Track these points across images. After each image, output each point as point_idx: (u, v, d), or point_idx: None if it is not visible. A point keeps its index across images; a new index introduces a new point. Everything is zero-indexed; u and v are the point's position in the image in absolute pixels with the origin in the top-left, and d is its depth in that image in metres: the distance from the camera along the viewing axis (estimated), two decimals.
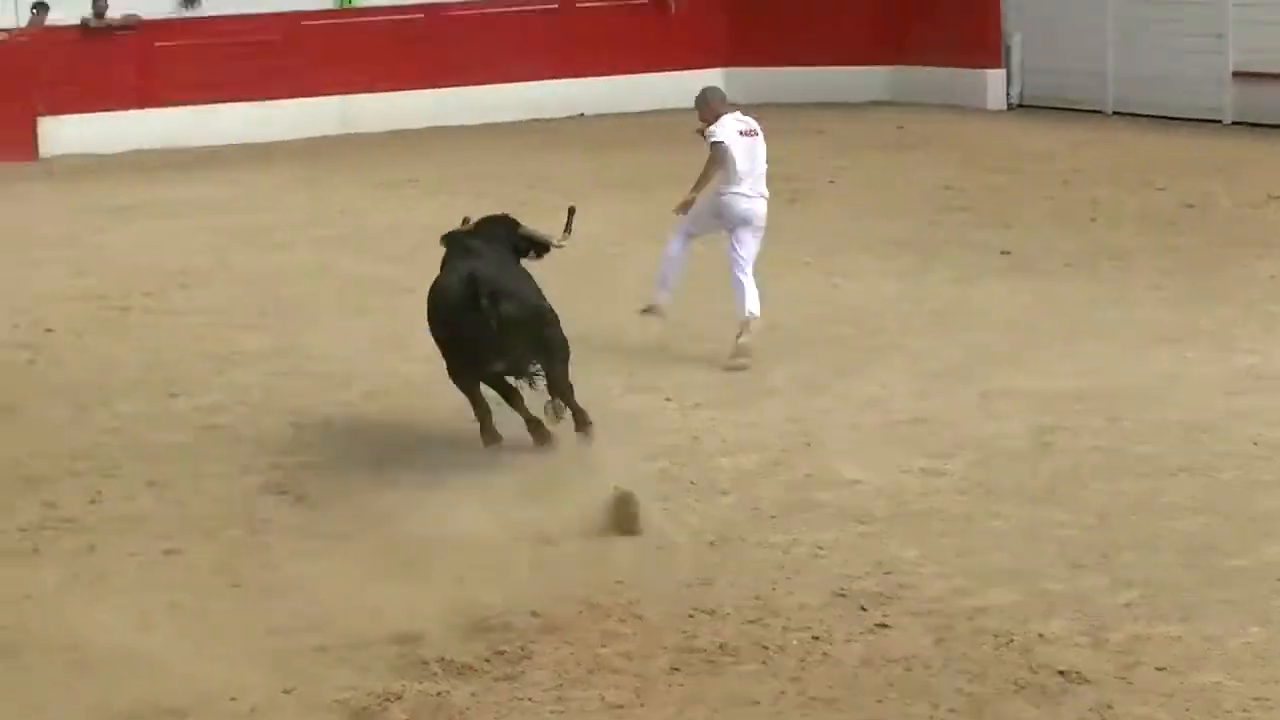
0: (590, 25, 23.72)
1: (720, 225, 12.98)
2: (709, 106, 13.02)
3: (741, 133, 12.90)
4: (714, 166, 12.69)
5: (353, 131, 22.54)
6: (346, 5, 23.62)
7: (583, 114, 23.25)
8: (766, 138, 12.94)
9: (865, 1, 24.00)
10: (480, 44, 23.25)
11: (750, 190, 12.83)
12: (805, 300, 14.25)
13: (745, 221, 12.87)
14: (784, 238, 16.21)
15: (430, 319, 10.62)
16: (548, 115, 23.13)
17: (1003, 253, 15.68)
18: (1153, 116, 21.82)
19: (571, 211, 11.12)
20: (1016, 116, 22.62)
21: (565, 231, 11.10)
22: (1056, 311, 13.74)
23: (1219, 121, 21.50)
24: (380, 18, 23.22)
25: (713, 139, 12.73)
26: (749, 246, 12.85)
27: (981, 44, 23.35)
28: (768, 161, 12.85)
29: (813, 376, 12.24)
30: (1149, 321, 13.39)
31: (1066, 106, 22.65)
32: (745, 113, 13.22)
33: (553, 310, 10.52)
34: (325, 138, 22.28)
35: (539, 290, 10.59)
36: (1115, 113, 22.34)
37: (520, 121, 22.89)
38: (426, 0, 23.61)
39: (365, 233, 16.94)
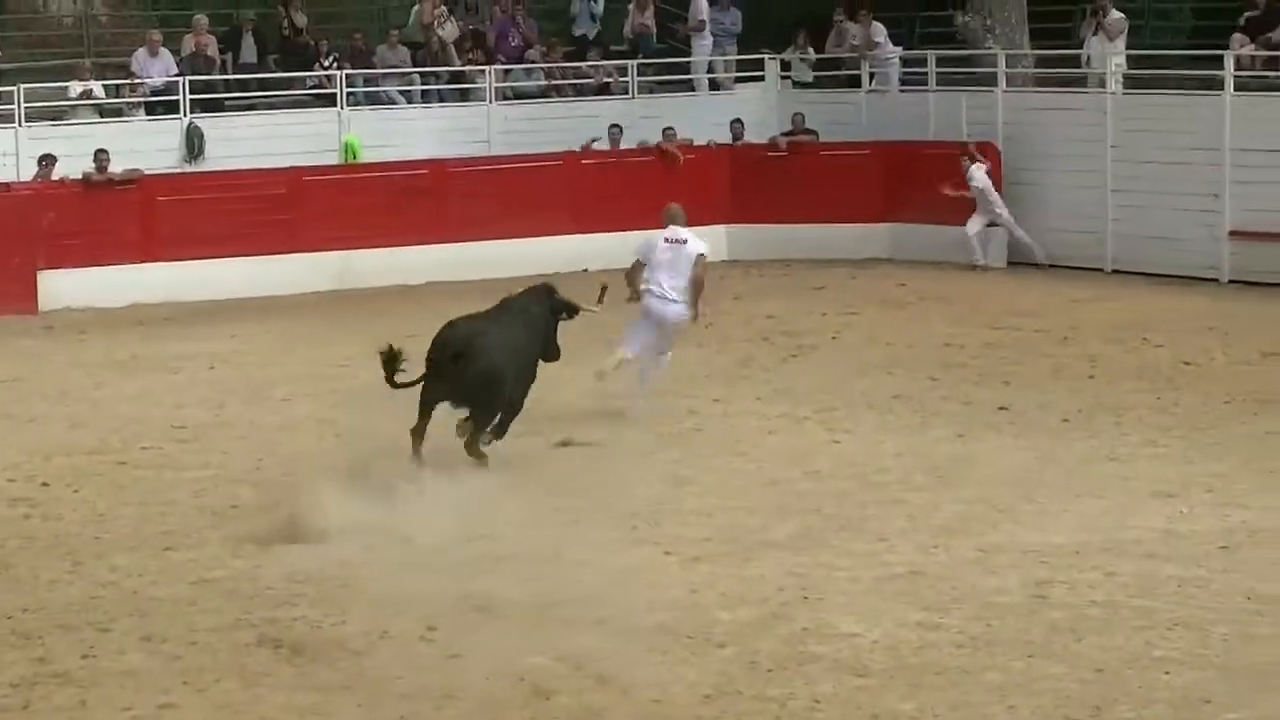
0: (594, 181, 23.98)
1: (650, 325, 15.25)
2: (664, 219, 15.48)
3: (667, 240, 15.26)
4: (632, 272, 15.29)
5: (354, 287, 22.66)
6: (350, 161, 23.92)
7: (586, 270, 23.44)
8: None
9: (865, 161, 24.31)
10: (484, 199, 23.47)
11: (662, 291, 15.17)
12: (806, 455, 14.41)
13: (657, 318, 15.21)
14: (785, 394, 16.48)
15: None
16: (552, 271, 23.27)
17: (1001, 409, 15.83)
18: (1150, 275, 22.08)
19: (604, 288, 14.49)
20: (1015, 275, 22.84)
21: (598, 301, 14.41)
22: (1054, 467, 13.89)
23: (1216, 280, 21.75)
24: (383, 173, 23.45)
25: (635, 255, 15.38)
26: (659, 341, 15.30)
27: None
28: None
29: (812, 530, 12.36)
30: (1145, 477, 13.53)
31: (1065, 265, 22.93)
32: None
33: (495, 376, 13.38)
34: (327, 293, 22.41)
35: (514, 354, 13.57)
36: (1114, 271, 22.60)
37: (524, 277, 22.99)
38: (429, 156, 23.92)
39: (365, 387, 17.04)
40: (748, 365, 17.76)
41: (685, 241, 15.25)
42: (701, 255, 15.26)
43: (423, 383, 13.43)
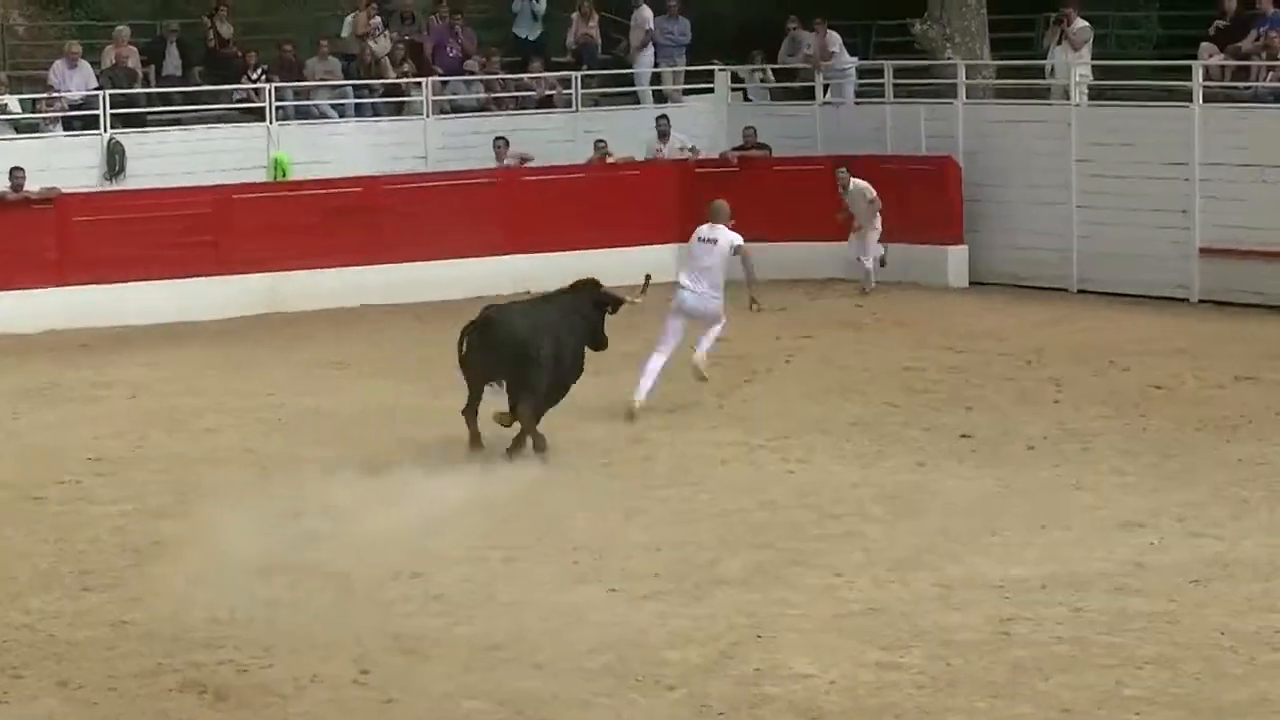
0: (536, 199, 23.94)
1: (680, 321, 16.66)
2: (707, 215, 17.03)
3: (700, 238, 16.79)
4: None
5: (284, 310, 22.58)
6: (280, 178, 23.83)
7: (529, 292, 23.36)
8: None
9: (822, 176, 24.31)
10: (420, 218, 23.40)
11: (690, 284, 16.62)
12: (759, 485, 14.40)
13: (680, 309, 16.64)
14: (738, 421, 16.48)
15: None
16: (491, 293, 23.17)
17: (963, 436, 15.85)
18: (1117, 294, 22.18)
19: (648, 278, 16.15)
20: (978, 295, 22.90)
21: (642, 292, 15.96)
22: (1018, 496, 13.90)
23: (1186, 300, 21.86)
24: (315, 191, 23.37)
25: None
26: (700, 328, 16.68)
27: (943, 220, 23.64)
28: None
29: (765, 565, 12.33)
30: (1113, 507, 13.55)
31: (1029, 284, 22.99)
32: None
33: (528, 359, 14.68)
34: (255, 316, 22.32)
35: (541, 330, 14.88)
36: (1080, 290, 22.69)
37: (462, 300, 22.97)
38: (363, 173, 23.83)
39: (293, 416, 17.00)
40: (698, 391, 17.70)
41: (716, 241, 16.66)
42: (738, 246, 16.67)
43: (463, 365, 14.89)
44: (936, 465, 14.90)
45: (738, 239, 16.72)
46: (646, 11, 26.21)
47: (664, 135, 24.95)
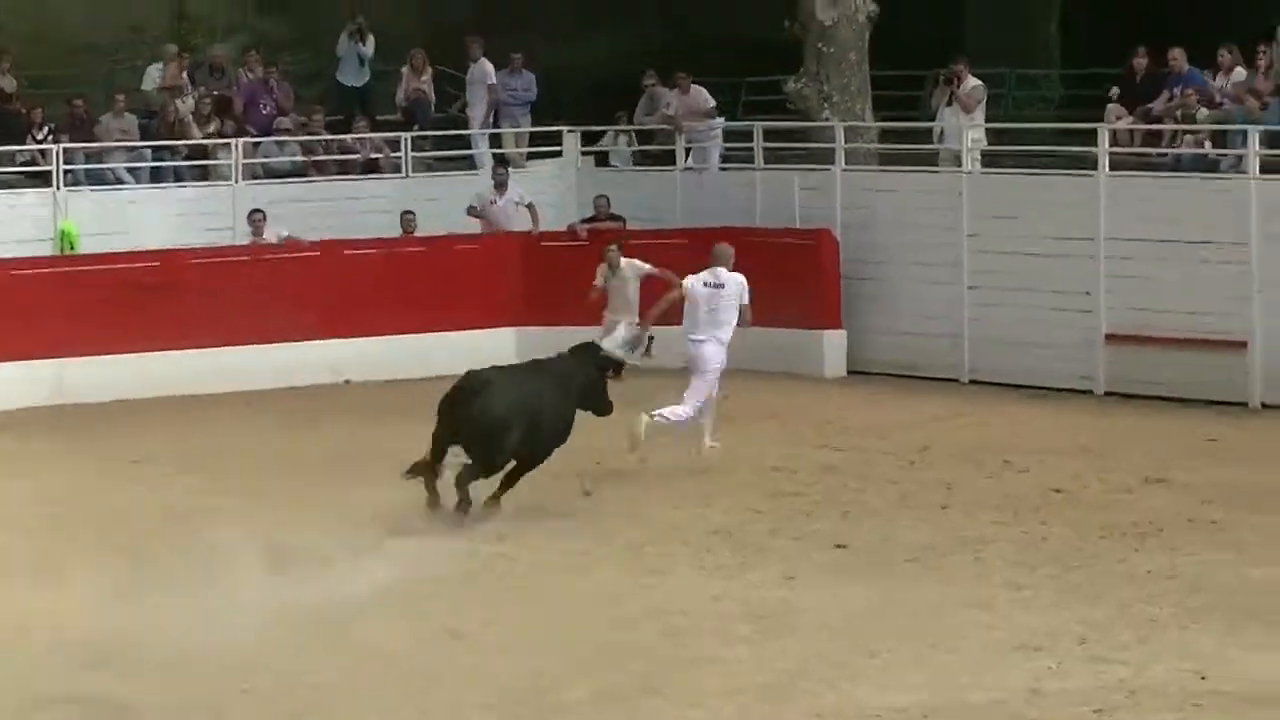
0: (358, 277, 23.90)
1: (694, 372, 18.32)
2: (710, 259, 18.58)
3: (706, 283, 18.36)
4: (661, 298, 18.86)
5: (72, 401, 22.43)
6: (68, 251, 23.65)
7: (348, 381, 23.36)
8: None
9: (681, 252, 24.29)
10: (227, 297, 23.30)
11: (702, 335, 18.28)
12: (609, 600, 14.40)
13: (694, 362, 18.29)
14: (586, 527, 16.47)
15: None
16: (305, 383, 23.18)
17: (838, 545, 15.94)
18: (1014, 386, 22.40)
19: (651, 339, 18.80)
20: (858, 385, 23.06)
21: (645, 354, 18.38)
22: (900, 614, 13.94)
23: (1090, 392, 22.10)
24: (108, 266, 23.24)
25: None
26: (694, 389, 18.26)
27: (818, 301, 23.79)
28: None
29: (614, 691, 12.32)
30: (1007, 626, 13.61)
31: (915, 374, 23.15)
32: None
33: (492, 421, 16.21)
34: (38, 408, 22.15)
35: (522, 407, 16.43)
36: (971, 381, 22.91)
37: (272, 390, 22.91)
38: (163, 245, 23.70)
39: (81, 522, 16.82)
40: (540, 494, 17.68)
41: (724, 285, 18.32)
42: (745, 296, 18.37)
43: (436, 420, 16.30)
44: (808, 579, 14.95)
45: (744, 284, 18.39)
46: (487, 65, 26.30)
47: (501, 186, 24.97)
